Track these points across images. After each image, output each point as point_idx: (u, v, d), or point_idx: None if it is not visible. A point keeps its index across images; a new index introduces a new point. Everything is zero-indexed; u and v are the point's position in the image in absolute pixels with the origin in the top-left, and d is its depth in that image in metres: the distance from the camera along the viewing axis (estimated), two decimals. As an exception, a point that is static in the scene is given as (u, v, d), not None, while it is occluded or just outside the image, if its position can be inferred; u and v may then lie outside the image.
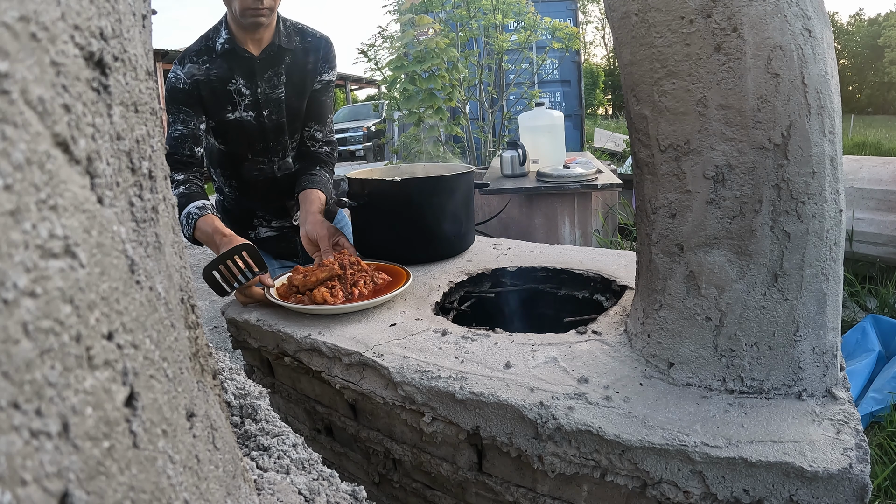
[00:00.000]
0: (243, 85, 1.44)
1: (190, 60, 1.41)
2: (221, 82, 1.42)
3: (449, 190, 1.46)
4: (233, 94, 1.43)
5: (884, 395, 1.82)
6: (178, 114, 1.40)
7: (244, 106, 1.45)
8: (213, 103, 1.42)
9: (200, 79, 1.40)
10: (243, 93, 1.45)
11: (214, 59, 1.41)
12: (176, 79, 1.40)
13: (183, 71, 1.40)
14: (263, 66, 1.45)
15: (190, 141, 1.40)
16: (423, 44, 4.09)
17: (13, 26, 0.21)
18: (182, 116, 1.39)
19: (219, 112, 1.44)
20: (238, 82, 1.43)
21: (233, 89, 1.43)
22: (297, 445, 0.66)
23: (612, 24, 0.87)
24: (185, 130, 1.39)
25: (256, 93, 1.46)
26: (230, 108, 1.44)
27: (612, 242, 3.25)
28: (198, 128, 1.41)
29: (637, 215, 0.94)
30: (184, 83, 1.39)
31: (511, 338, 1.02)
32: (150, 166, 0.35)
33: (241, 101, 1.45)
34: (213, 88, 1.41)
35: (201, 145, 1.43)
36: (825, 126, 0.74)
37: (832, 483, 0.64)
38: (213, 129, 1.48)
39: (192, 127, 1.40)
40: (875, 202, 2.80)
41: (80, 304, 0.23)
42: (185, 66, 1.40)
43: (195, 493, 0.34)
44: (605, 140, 10.59)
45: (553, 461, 0.79)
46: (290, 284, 1.21)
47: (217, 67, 1.41)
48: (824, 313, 0.78)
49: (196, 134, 1.41)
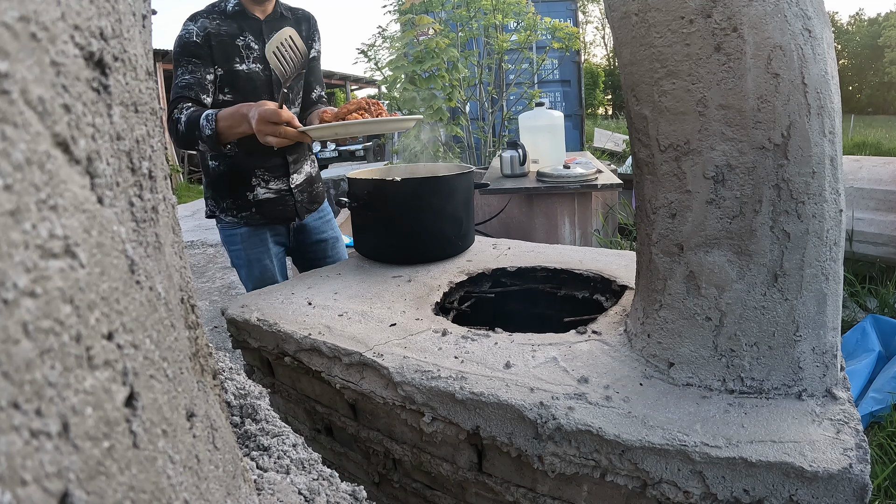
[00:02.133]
0: (252, 41, 1.59)
1: (202, 17, 1.54)
2: (231, 37, 1.55)
3: (449, 190, 1.46)
4: (241, 49, 1.57)
5: (884, 395, 1.82)
6: (187, 65, 1.50)
7: (252, 59, 1.59)
8: (223, 54, 1.54)
9: (212, 31, 1.52)
10: (252, 47, 1.59)
11: (225, 19, 1.56)
12: (188, 33, 1.50)
13: (196, 25, 1.51)
14: (269, 28, 1.61)
15: (196, 88, 1.49)
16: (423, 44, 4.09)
17: (13, 26, 0.21)
18: (190, 67, 1.50)
19: (228, 62, 1.55)
20: (247, 38, 1.58)
21: (241, 44, 1.57)
22: (297, 445, 0.66)
23: (612, 24, 0.87)
24: (192, 79, 1.49)
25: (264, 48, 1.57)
26: (238, 59, 1.57)
27: (612, 242, 3.25)
28: (204, 78, 1.51)
29: (637, 215, 0.94)
30: (196, 35, 1.50)
31: (511, 338, 1.02)
32: (150, 166, 0.35)
33: (249, 55, 1.58)
34: (222, 41, 1.54)
35: (208, 95, 1.52)
36: (825, 126, 0.74)
37: (832, 483, 0.64)
38: (221, 79, 1.56)
39: (199, 77, 1.50)
40: (875, 202, 2.80)
41: (80, 304, 0.23)
42: (198, 21, 1.52)
43: (195, 493, 0.34)
44: (605, 140, 10.59)
45: (553, 461, 0.79)
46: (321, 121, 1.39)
47: (227, 25, 1.56)
48: (824, 313, 0.78)
49: (202, 83, 1.51)
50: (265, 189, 1.68)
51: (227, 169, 1.65)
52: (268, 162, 1.66)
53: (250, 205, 1.66)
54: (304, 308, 1.23)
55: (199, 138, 1.40)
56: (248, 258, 1.69)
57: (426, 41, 4.07)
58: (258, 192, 1.67)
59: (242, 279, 1.73)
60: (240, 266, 1.71)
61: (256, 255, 1.69)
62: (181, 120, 1.42)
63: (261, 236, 1.70)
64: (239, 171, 1.65)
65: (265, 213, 1.68)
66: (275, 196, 1.70)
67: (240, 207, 1.66)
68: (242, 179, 1.65)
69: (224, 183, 1.66)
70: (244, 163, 1.64)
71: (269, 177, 1.68)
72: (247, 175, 1.65)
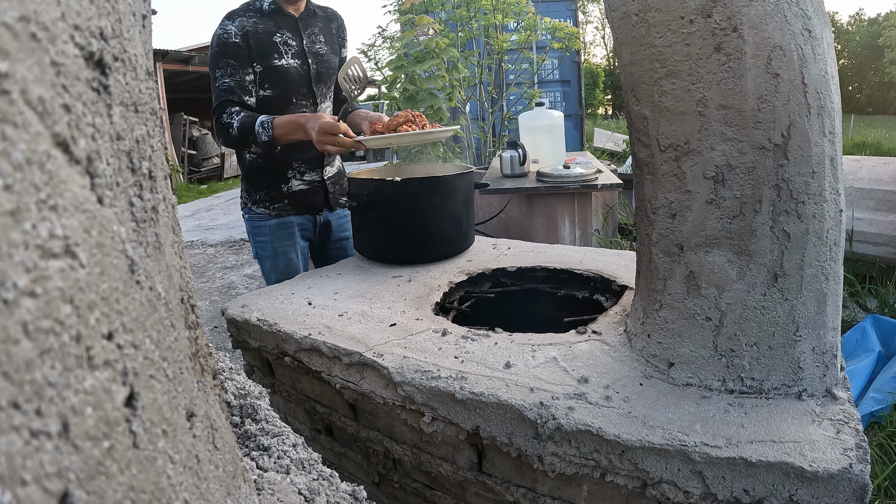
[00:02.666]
0: (289, 37, 1.64)
1: (239, 15, 1.59)
2: (268, 34, 1.61)
3: (449, 190, 1.46)
4: (279, 45, 1.62)
5: (884, 395, 1.82)
6: (226, 67, 1.55)
7: (291, 54, 1.64)
8: (261, 51, 1.59)
9: (250, 29, 1.57)
10: (289, 43, 1.64)
11: (261, 17, 1.61)
12: (226, 33, 1.55)
13: (234, 24, 1.56)
14: (304, 24, 1.69)
15: (238, 91, 1.56)
16: (423, 44, 4.08)
17: (13, 26, 0.21)
18: (229, 70, 1.55)
19: (267, 58, 1.60)
20: (284, 34, 1.64)
21: (279, 41, 1.63)
22: (297, 445, 0.66)
23: (612, 24, 0.87)
24: (233, 82, 1.55)
25: (302, 44, 1.67)
26: (276, 55, 1.62)
27: (612, 242, 3.25)
28: (244, 79, 1.57)
29: (637, 215, 0.94)
30: (234, 35, 1.55)
31: (511, 338, 1.02)
32: (150, 166, 0.35)
33: (287, 51, 1.64)
34: (260, 38, 1.59)
35: (250, 96, 1.59)
36: (825, 126, 0.74)
37: (832, 483, 0.64)
38: (261, 75, 1.61)
39: (239, 78, 1.56)
40: (875, 202, 2.80)
41: (80, 304, 0.23)
42: (236, 20, 1.57)
43: (195, 493, 0.34)
44: (605, 140, 10.58)
45: (553, 461, 0.79)
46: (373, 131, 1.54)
47: (264, 23, 1.61)
48: (824, 313, 0.78)
49: (243, 84, 1.57)
50: (299, 181, 1.73)
51: (264, 162, 1.71)
52: (305, 154, 1.72)
53: (283, 196, 1.72)
54: (304, 308, 1.23)
55: (254, 142, 1.52)
56: (274, 250, 1.73)
57: (426, 41, 4.07)
58: (293, 183, 1.73)
59: (266, 271, 1.76)
60: (264, 258, 1.74)
61: (283, 247, 1.73)
62: (233, 125, 1.51)
63: (289, 229, 1.74)
64: (276, 163, 1.69)
65: (297, 203, 1.74)
66: (307, 187, 1.75)
67: (273, 199, 1.71)
68: (279, 172, 1.71)
69: (260, 175, 1.72)
70: (282, 156, 1.69)
71: (304, 169, 1.74)
72: (284, 168, 1.71)
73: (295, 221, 1.75)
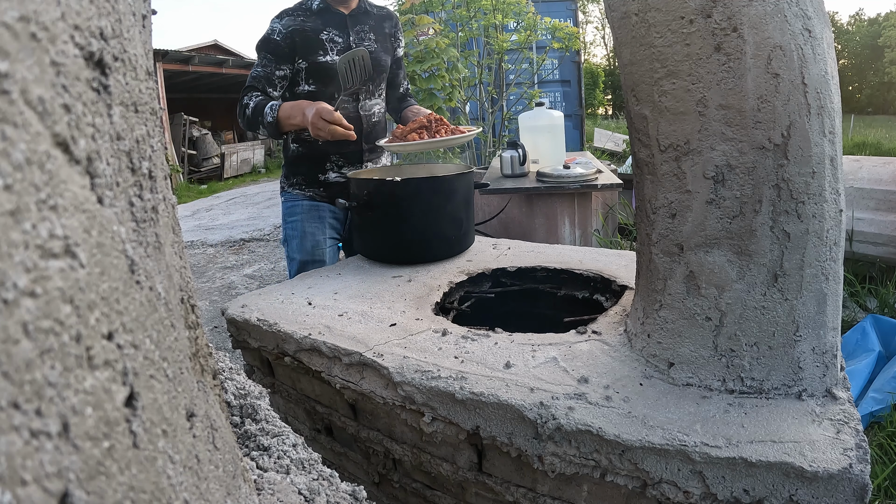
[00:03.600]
0: (336, 35, 1.70)
1: (287, 15, 1.67)
2: (315, 32, 1.67)
3: (449, 190, 1.46)
4: (325, 42, 1.69)
5: (884, 395, 1.81)
6: (263, 59, 1.66)
7: (336, 51, 1.70)
8: (307, 48, 1.67)
9: (296, 28, 1.65)
10: (336, 40, 1.70)
11: (309, 16, 1.68)
12: (272, 31, 1.65)
13: (280, 23, 1.65)
14: (353, 22, 1.74)
15: (264, 81, 1.66)
16: (423, 44, 4.08)
17: (13, 26, 0.21)
18: (264, 62, 1.66)
19: (312, 55, 1.67)
20: (331, 32, 1.70)
21: (325, 38, 1.69)
22: (297, 445, 0.66)
23: (612, 24, 0.87)
24: (262, 73, 1.65)
25: (349, 41, 1.72)
26: (322, 52, 1.68)
27: (612, 242, 3.25)
28: (273, 73, 1.66)
29: (637, 215, 0.94)
30: (278, 33, 1.64)
31: (511, 338, 1.02)
32: (150, 166, 0.35)
33: (333, 47, 1.70)
34: (307, 36, 1.66)
35: (275, 89, 1.68)
36: (825, 126, 0.74)
37: (832, 483, 0.64)
38: (306, 72, 1.69)
39: (269, 71, 1.65)
40: (875, 202, 2.79)
41: (80, 304, 0.23)
42: (283, 20, 1.66)
43: (195, 493, 0.34)
44: (605, 140, 10.58)
45: (553, 461, 0.79)
46: (392, 136, 1.62)
47: (311, 22, 1.68)
48: (824, 313, 0.78)
49: (270, 78, 1.66)
50: (336, 174, 1.78)
51: (305, 151, 1.78)
52: (345, 149, 1.78)
53: (320, 184, 1.79)
54: (304, 308, 1.23)
55: (262, 123, 1.59)
56: (303, 229, 1.78)
57: (426, 41, 4.07)
58: (329, 175, 1.79)
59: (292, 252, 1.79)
60: (292, 237, 1.79)
61: (312, 228, 1.78)
62: (249, 105, 1.60)
63: (320, 213, 1.80)
64: (315, 154, 1.77)
65: (332, 192, 1.79)
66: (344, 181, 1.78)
67: (309, 184, 1.79)
68: (317, 162, 1.79)
69: (299, 163, 1.80)
70: (321, 148, 1.76)
71: (343, 162, 1.80)
72: (321, 159, 1.78)
73: (327, 208, 1.80)
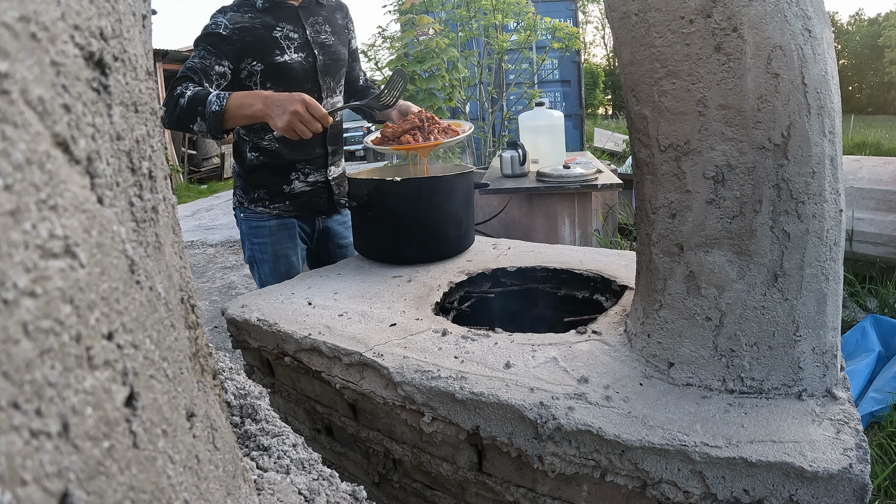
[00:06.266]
0: (290, 30, 1.55)
1: (232, 10, 1.51)
2: (267, 30, 1.52)
3: (449, 190, 1.46)
4: (280, 40, 1.53)
5: (884, 395, 1.82)
6: (202, 51, 1.48)
7: (294, 48, 1.55)
8: (261, 48, 1.51)
9: (245, 25, 1.49)
10: (291, 36, 1.55)
11: (257, 13, 1.52)
12: (215, 24, 1.48)
13: (225, 18, 1.49)
14: (306, 14, 1.59)
15: (200, 73, 1.45)
16: (423, 44, 4.09)
17: (13, 26, 0.21)
18: (203, 53, 1.47)
19: (267, 55, 1.52)
20: (285, 28, 1.54)
21: (279, 35, 1.53)
22: (297, 445, 0.66)
23: (612, 24, 0.87)
24: (199, 65, 1.46)
25: (305, 35, 1.57)
26: (278, 51, 1.53)
27: (612, 242, 3.25)
28: (212, 67, 1.47)
29: (637, 215, 0.94)
30: (224, 27, 1.47)
31: (511, 338, 1.02)
32: (150, 166, 0.35)
33: (289, 45, 1.55)
34: (259, 36, 1.50)
35: (211, 83, 1.48)
36: (825, 126, 0.74)
37: (832, 483, 0.64)
38: (262, 74, 1.53)
39: (208, 64, 1.46)
40: (875, 202, 2.79)
41: (80, 304, 0.23)
42: (227, 14, 1.50)
43: (195, 493, 0.34)
44: (605, 140, 10.58)
45: (553, 461, 0.79)
46: (383, 136, 1.53)
47: (261, 19, 1.52)
48: (824, 313, 0.78)
49: (208, 72, 1.47)
50: (302, 182, 1.66)
51: (266, 160, 1.62)
52: (310, 155, 1.65)
53: (285, 197, 1.63)
54: (304, 308, 1.23)
55: (201, 115, 1.33)
56: (274, 253, 1.63)
57: (426, 41, 4.07)
58: (295, 185, 1.65)
59: (264, 275, 1.64)
60: (263, 261, 1.64)
61: (284, 250, 1.64)
62: (185, 94, 1.35)
63: (290, 230, 1.65)
64: (279, 163, 1.62)
65: (298, 204, 1.66)
66: (310, 188, 1.67)
67: (273, 198, 1.63)
68: (282, 172, 1.63)
69: (260, 174, 1.62)
70: (286, 156, 1.61)
71: (309, 170, 1.66)
72: (287, 168, 1.64)
73: (295, 223, 1.67)
